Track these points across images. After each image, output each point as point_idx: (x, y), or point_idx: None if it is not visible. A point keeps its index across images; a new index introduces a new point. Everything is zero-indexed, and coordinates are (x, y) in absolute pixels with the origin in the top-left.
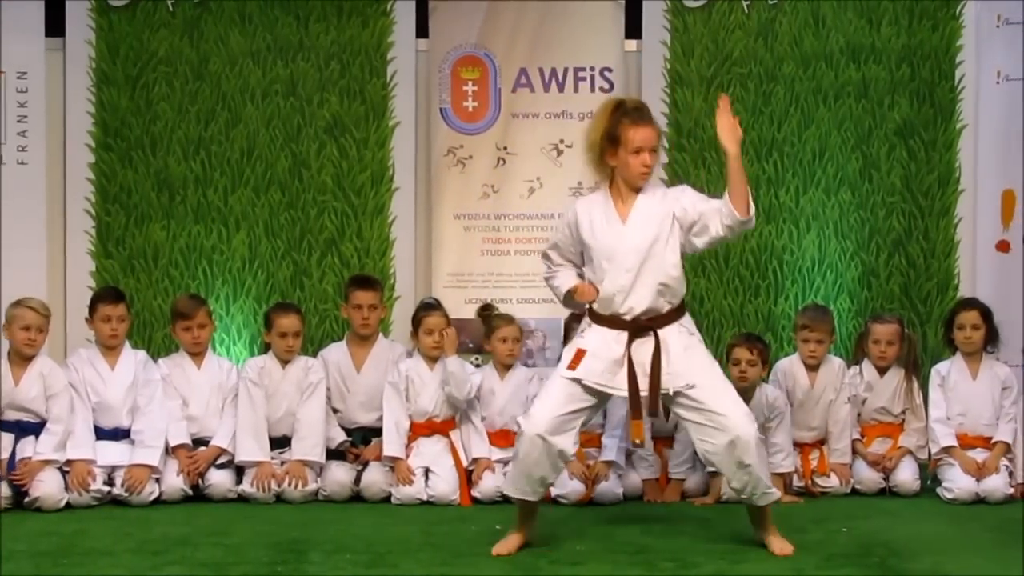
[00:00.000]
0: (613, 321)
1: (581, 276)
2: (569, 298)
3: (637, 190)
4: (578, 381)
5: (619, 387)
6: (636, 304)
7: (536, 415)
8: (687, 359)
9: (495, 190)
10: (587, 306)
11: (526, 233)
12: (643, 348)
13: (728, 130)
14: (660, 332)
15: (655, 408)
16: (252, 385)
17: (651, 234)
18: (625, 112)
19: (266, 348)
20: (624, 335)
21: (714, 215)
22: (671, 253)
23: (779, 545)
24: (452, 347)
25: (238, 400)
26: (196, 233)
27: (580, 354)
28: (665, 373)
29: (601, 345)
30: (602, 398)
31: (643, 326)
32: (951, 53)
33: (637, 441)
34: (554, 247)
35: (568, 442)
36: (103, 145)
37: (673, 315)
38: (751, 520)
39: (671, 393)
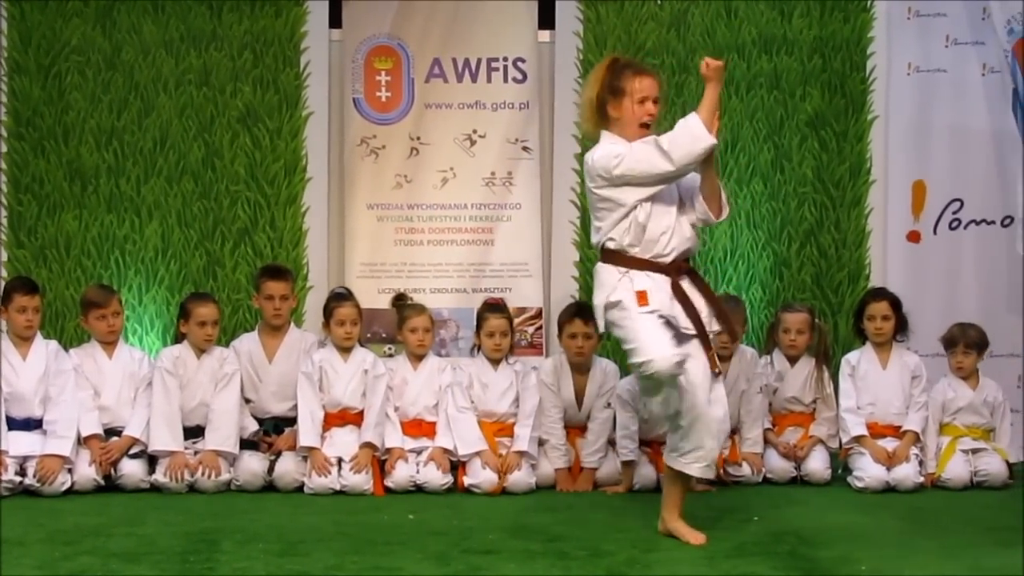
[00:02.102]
0: (653, 265)
1: None
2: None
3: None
4: (655, 313)
5: (685, 326)
6: (678, 244)
7: (660, 351)
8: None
9: (408, 180)
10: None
11: (439, 223)
12: (688, 287)
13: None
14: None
15: (734, 333)
16: (167, 375)
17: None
18: (627, 64)
19: (179, 338)
20: (667, 280)
21: (694, 197)
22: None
23: (692, 535)
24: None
25: (152, 390)
26: (109, 223)
27: (643, 294)
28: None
29: (653, 285)
30: None
31: (680, 267)
32: (862, 45)
33: (718, 370)
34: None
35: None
36: (15, 135)
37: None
38: (664, 507)
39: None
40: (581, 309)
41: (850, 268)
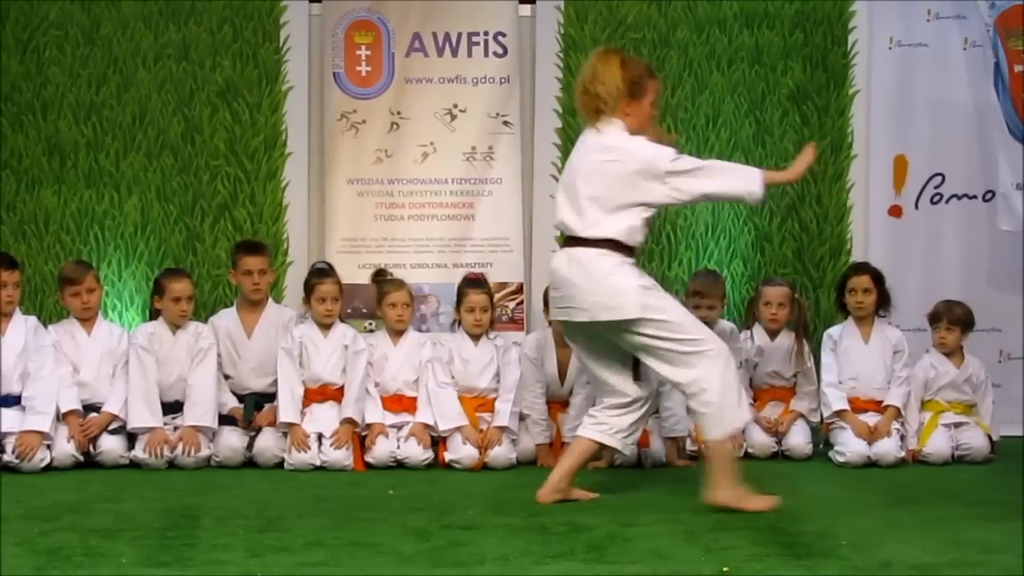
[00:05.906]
0: None
1: None
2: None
3: None
4: None
5: None
6: None
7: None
8: None
9: (388, 155)
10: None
11: (420, 198)
12: None
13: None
14: None
15: None
16: (143, 351)
17: None
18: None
19: (154, 315)
20: None
21: None
22: None
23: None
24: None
25: (129, 367)
26: (88, 198)
27: None
28: None
29: None
30: None
31: None
32: (844, 19)
33: None
34: None
35: None
36: None
37: None
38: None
39: None
40: None
41: (832, 243)
